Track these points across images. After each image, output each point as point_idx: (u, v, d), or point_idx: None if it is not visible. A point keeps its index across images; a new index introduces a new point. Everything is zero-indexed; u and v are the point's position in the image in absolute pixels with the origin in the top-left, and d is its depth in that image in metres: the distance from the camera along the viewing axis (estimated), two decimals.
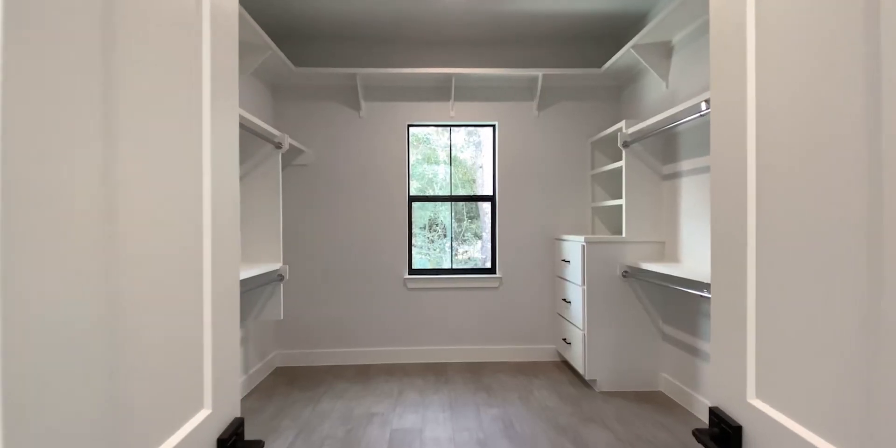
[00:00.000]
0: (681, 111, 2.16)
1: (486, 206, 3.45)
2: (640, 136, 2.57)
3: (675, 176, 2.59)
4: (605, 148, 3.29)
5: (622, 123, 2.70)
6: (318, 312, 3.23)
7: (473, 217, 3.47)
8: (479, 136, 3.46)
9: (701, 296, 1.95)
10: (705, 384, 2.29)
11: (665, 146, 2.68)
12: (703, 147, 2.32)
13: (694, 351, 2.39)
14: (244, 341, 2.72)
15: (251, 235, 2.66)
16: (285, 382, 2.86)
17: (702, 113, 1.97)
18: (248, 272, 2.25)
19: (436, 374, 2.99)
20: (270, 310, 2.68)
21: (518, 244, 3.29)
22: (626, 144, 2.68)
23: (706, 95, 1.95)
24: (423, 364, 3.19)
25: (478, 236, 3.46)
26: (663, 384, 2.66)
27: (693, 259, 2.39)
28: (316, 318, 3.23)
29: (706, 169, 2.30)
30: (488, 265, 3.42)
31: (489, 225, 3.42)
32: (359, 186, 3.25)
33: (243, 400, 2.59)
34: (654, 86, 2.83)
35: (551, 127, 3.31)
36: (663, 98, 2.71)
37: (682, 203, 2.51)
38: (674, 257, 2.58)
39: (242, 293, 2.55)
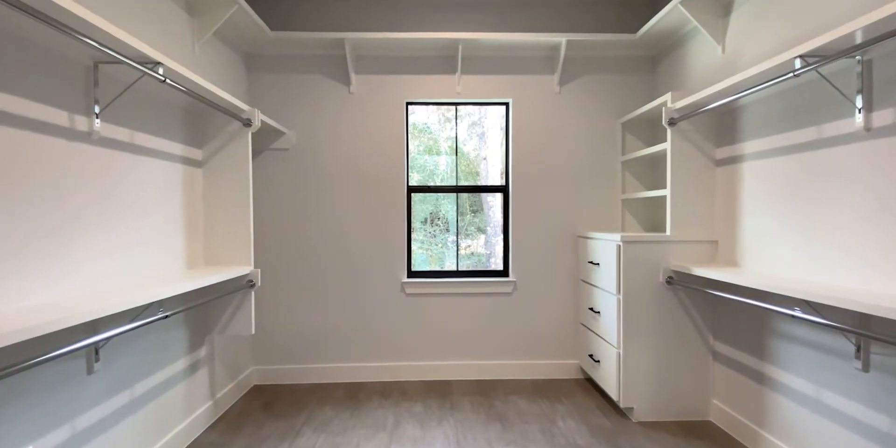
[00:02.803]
0: (752, 77, 1.67)
1: (491, 198, 2.97)
2: (691, 112, 2.08)
3: (733, 161, 2.10)
4: (638, 130, 2.80)
5: (667, 96, 2.21)
6: (301, 323, 2.77)
7: (477, 210, 3.00)
8: (483, 127, 2.98)
9: (792, 316, 1.48)
10: (774, 418, 1.84)
11: (720, 125, 2.19)
12: (777, 123, 1.83)
13: (759, 377, 1.93)
14: (209, 359, 2.26)
15: (215, 233, 2.19)
16: (260, 407, 2.41)
17: (796, 72, 1.48)
18: (209, 278, 1.81)
19: (439, 396, 2.53)
20: (239, 323, 2.22)
21: (535, 242, 2.82)
22: (672, 122, 2.19)
23: (797, 51, 1.46)
24: (423, 382, 2.74)
25: (482, 230, 2.99)
26: (714, 413, 2.21)
27: (760, 263, 1.92)
28: (299, 329, 2.77)
29: (781, 151, 1.81)
30: (493, 261, 2.96)
31: (494, 219, 2.95)
32: (348, 174, 2.77)
33: (206, 432, 2.14)
34: (705, 52, 2.33)
35: (575, 105, 2.81)
36: (718, 66, 2.22)
37: (743, 194, 2.03)
38: (731, 260, 2.11)
39: (205, 303, 2.08)
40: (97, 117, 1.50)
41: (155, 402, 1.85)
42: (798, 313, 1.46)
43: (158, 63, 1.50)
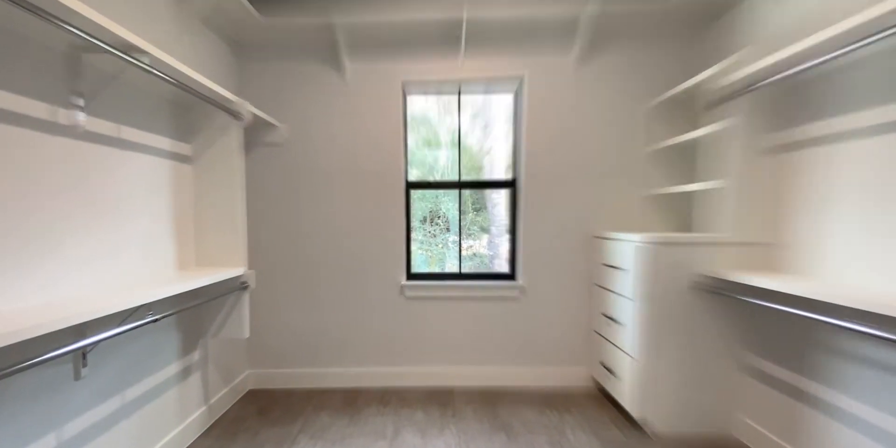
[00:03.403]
0: (852, 29, 1.31)
1: (496, 195, 2.79)
2: (746, 88, 1.76)
3: (794, 147, 1.79)
4: (670, 114, 2.48)
5: (717, 67, 1.91)
6: (297, 325, 2.67)
7: (479, 208, 2.82)
8: (487, 118, 2.79)
9: (867, 333, 1.26)
10: (809, 437, 1.66)
11: (779, 104, 1.85)
12: (867, 96, 1.48)
13: (797, 393, 1.74)
14: (202, 363, 2.18)
15: (206, 233, 2.08)
16: (255, 412, 2.33)
17: None
18: (201, 280, 1.71)
19: (441, 404, 2.41)
20: (233, 326, 2.13)
21: (545, 243, 2.63)
22: (716, 103, 1.89)
23: None
24: (424, 389, 2.62)
25: (485, 230, 2.83)
26: (739, 427, 2.03)
27: (841, 272, 1.59)
28: (295, 331, 2.67)
29: (875, 130, 1.47)
30: (497, 262, 2.80)
31: (498, 217, 2.78)
32: (344, 170, 2.62)
33: (200, 438, 2.06)
34: (762, 15, 1.97)
35: (595, 86, 2.53)
36: (780, 32, 1.85)
37: (809, 186, 1.73)
38: (788, 266, 1.83)
39: (197, 306, 1.99)
40: (80, 110, 1.39)
41: (147, 408, 1.77)
42: (875, 331, 1.25)
43: (143, 51, 1.38)
